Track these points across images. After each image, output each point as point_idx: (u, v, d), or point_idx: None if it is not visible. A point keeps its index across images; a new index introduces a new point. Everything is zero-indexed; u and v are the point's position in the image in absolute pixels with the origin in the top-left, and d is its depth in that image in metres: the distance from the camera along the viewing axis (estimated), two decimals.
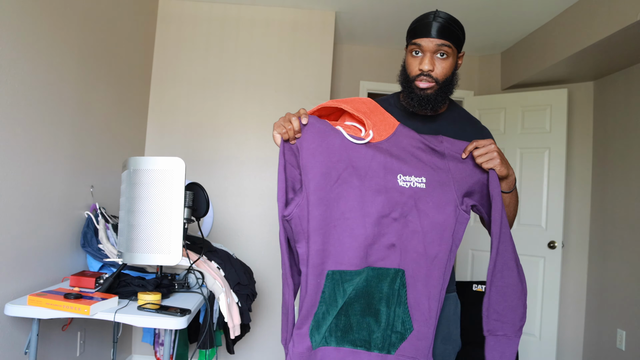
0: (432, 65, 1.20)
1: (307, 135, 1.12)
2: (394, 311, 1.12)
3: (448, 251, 1.12)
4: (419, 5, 2.93)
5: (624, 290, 2.93)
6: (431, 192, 1.13)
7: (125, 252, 1.69)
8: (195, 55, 3.08)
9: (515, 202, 1.24)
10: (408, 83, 1.25)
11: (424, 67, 1.20)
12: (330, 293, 1.11)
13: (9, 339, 1.68)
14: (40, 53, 1.81)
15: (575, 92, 3.45)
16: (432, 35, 1.19)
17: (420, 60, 1.21)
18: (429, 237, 1.12)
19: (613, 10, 2.40)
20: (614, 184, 3.12)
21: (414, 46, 1.22)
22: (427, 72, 1.20)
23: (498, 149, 1.14)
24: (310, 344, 1.12)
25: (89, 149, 2.24)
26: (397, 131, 1.17)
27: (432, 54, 1.21)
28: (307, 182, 1.11)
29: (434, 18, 1.20)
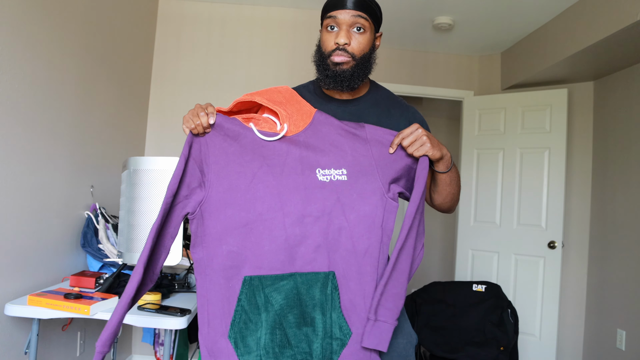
0: (347, 39, 1.16)
1: (217, 133, 1.07)
2: (330, 317, 1.04)
3: (379, 243, 1.06)
4: (418, 4, 2.93)
5: (624, 290, 2.93)
6: (354, 184, 1.06)
7: (125, 252, 1.69)
8: (195, 55, 3.08)
9: (456, 180, 1.19)
10: (323, 60, 1.19)
11: (340, 41, 1.15)
12: (250, 300, 1.03)
13: (9, 339, 1.68)
14: (40, 53, 1.81)
15: (575, 92, 3.45)
16: (348, 6, 1.15)
17: (335, 35, 1.17)
18: (357, 232, 1.05)
19: (613, 10, 2.40)
20: (614, 184, 3.12)
21: (329, 20, 1.18)
22: (342, 45, 1.15)
23: (426, 132, 1.08)
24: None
25: (89, 149, 2.24)
26: (314, 120, 1.10)
27: (348, 28, 1.16)
28: (217, 181, 1.04)
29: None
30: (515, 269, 3.40)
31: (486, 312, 2.88)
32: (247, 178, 1.05)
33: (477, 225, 3.60)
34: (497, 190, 3.53)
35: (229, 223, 1.03)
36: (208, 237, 1.04)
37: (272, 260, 1.03)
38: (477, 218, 3.59)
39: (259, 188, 1.04)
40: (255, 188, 1.04)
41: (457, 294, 3.03)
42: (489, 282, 3.02)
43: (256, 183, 1.05)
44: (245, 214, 1.03)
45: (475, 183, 3.62)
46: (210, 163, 1.06)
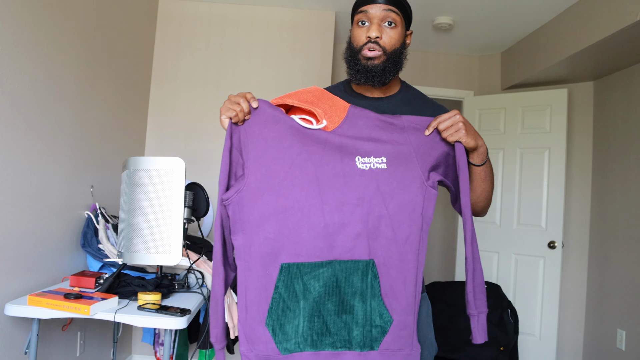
0: (379, 32, 1.15)
1: (256, 119, 1.07)
2: (370, 305, 1.04)
3: (419, 231, 1.06)
4: (418, 4, 2.93)
5: (624, 290, 2.93)
6: (393, 172, 1.05)
7: (125, 252, 1.69)
8: (195, 55, 3.08)
9: (490, 177, 1.17)
10: (354, 55, 1.19)
11: (372, 34, 1.15)
12: (288, 288, 1.03)
13: (9, 339, 1.68)
14: (40, 53, 1.81)
15: (575, 92, 3.45)
16: (379, 1, 1.15)
17: (367, 29, 1.17)
18: (397, 220, 1.04)
19: (613, 10, 2.40)
20: (614, 184, 3.12)
21: (360, 15, 1.18)
22: (374, 39, 1.15)
23: (464, 119, 1.07)
24: (276, 347, 1.03)
25: (89, 149, 2.24)
26: (349, 114, 1.10)
27: (380, 22, 1.16)
28: (255, 167, 1.04)
29: None
30: (515, 269, 3.40)
31: None
32: (285, 164, 1.04)
33: (477, 225, 3.60)
34: (497, 190, 3.53)
35: (266, 209, 1.03)
36: (247, 224, 1.04)
37: (310, 248, 1.02)
38: (477, 218, 3.59)
39: (297, 174, 1.03)
40: (294, 174, 1.03)
41: (457, 294, 3.03)
42: (489, 282, 3.02)
43: (294, 169, 1.04)
44: (282, 200, 1.03)
45: None
46: (249, 150, 1.05)
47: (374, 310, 1.05)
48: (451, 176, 1.12)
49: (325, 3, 3.02)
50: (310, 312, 1.03)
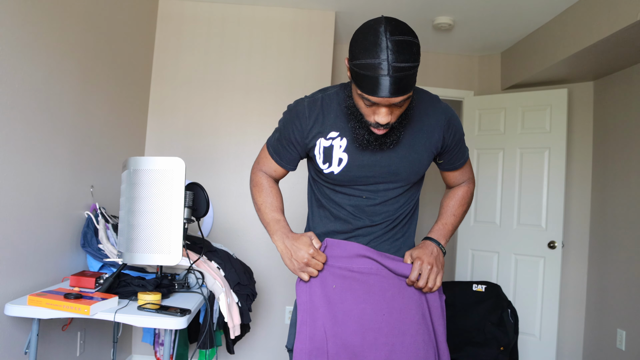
0: (389, 117, 1.05)
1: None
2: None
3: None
4: (418, 4, 2.93)
5: (624, 290, 2.93)
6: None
7: (125, 252, 1.69)
8: (195, 55, 3.08)
9: (460, 218, 1.40)
10: (361, 119, 1.10)
11: (381, 120, 1.05)
12: None
13: (9, 339, 1.68)
14: (40, 53, 1.81)
15: (575, 92, 3.45)
16: (392, 93, 0.98)
17: (377, 112, 1.05)
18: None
19: (613, 10, 2.40)
20: (614, 184, 3.12)
21: (367, 99, 1.03)
22: (384, 124, 1.06)
23: (431, 265, 1.23)
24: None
25: (89, 149, 2.24)
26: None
27: (389, 107, 1.04)
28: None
29: (388, 70, 0.95)
30: (515, 269, 3.40)
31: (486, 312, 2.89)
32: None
33: (477, 225, 3.60)
34: (497, 190, 3.53)
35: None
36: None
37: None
38: (477, 218, 3.59)
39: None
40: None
41: (457, 294, 3.03)
42: (489, 282, 3.02)
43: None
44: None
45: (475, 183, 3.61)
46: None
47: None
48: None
49: (325, 3, 3.02)
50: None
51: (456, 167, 1.36)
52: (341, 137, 1.20)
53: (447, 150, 1.28)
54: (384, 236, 1.29)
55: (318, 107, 1.22)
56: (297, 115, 1.23)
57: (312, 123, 1.22)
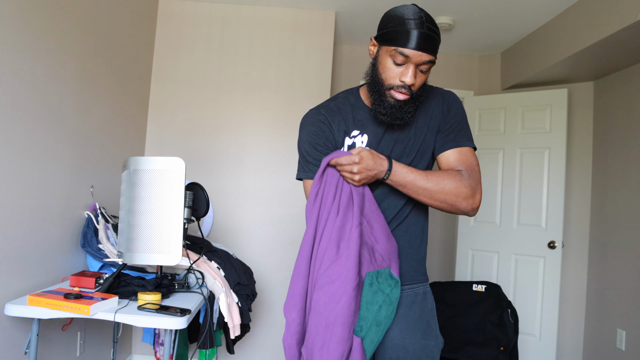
0: (414, 80, 1.13)
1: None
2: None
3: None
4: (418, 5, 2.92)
5: (624, 290, 2.93)
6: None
7: (125, 252, 1.69)
8: (195, 55, 3.08)
9: (411, 186, 1.17)
10: (380, 88, 1.17)
11: (407, 80, 1.13)
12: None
13: (9, 339, 1.68)
14: (40, 53, 1.81)
15: (575, 92, 3.45)
16: (423, 48, 1.10)
17: (403, 72, 1.13)
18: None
19: (613, 10, 2.40)
20: (614, 184, 3.12)
21: (397, 54, 1.12)
22: (408, 85, 1.13)
23: (359, 164, 1.11)
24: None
25: (89, 149, 2.24)
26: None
27: (416, 67, 1.13)
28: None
29: (422, 25, 1.09)
30: (515, 269, 3.40)
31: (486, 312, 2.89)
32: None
33: (477, 225, 3.60)
34: (497, 190, 3.53)
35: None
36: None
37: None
38: (477, 218, 3.59)
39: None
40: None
41: (457, 294, 3.03)
42: (489, 282, 3.02)
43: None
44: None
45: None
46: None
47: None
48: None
49: (325, 3, 3.02)
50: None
51: (447, 147, 1.25)
52: (362, 134, 1.26)
53: (442, 129, 1.26)
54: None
55: (335, 111, 1.29)
56: (320, 122, 1.27)
57: (337, 125, 1.27)
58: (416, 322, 1.24)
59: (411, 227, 1.29)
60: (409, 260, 1.27)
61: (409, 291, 1.26)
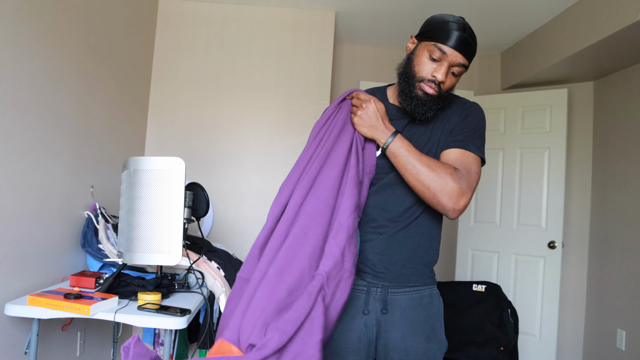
0: (445, 78, 1.17)
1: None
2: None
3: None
4: (419, 5, 2.92)
5: (624, 290, 2.93)
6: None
7: (125, 252, 1.69)
8: (195, 55, 3.08)
9: (408, 168, 1.15)
10: (411, 80, 1.21)
11: (439, 76, 1.16)
12: None
13: (9, 339, 1.68)
14: (40, 53, 1.81)
15: (575, 92, 3.45)
16: (460, 50, 1.15)
17: (436, 68, 1.17)
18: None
19: (613, 10, 2.40)
20: (614, 184, 3.12)
21: (437, 50, 1.16)
22: (439, 81, 1.17)
23: (368, 110, 1.19)
24: None
25: (89, 149, 2.24)
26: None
27: (449, 67, 1.17)
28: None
29: (464, 30, 1.16)
30: (515, 269, 3.40)
31: (486, 312, 2.89)
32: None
33: (477, 225, 3.60)
34: (497, 190, 3.53)
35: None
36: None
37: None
38: (477, 218, 3.59)
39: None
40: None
41: (457, 294, 3.03)
42: (489, 282, 3.02)
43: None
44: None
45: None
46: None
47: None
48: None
49: (325, 3, 3.02)
50: None
51: (451, 146, 1.23)
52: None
53: (454, 132, 1.25)
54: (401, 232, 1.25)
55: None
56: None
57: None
58: (420, 325, 1.22)
59: (422, 229, 1.26)
60: (415, 263, 1.25)
61: (414, 293, 1.24)
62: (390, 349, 1.21)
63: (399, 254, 1.24)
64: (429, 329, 1.23)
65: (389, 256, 1.23)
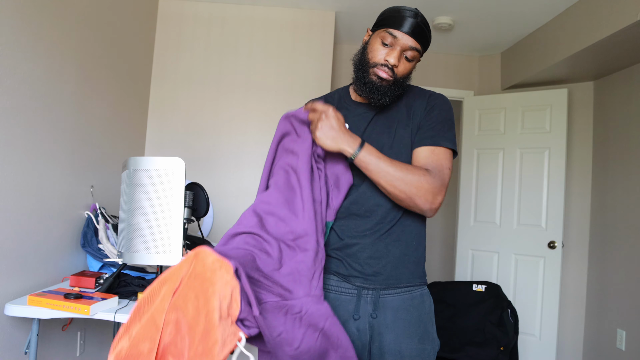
0: (398, 62, 1.19)
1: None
2: None
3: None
4: (419, 5, 2.92)
5: (624, 290, 2.93)
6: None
7: (125, 252, 1.69)
8: (195, 55, 3.08)
9: (376, 173, 1.13)
10: (365, 66, 1.23)
11: (391, 60, 1.18)
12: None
13: (9, 339, 1.68)
14: (40, 53, 1.81)
15: (575, 92, 3.45)
16: (410, 33, 1.17)
17: (388, 52, 1.19)
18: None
19: (613, 10, 2.40)
20: (614, 184, 3.12)
21: (387, 35, 1.19)
22: (391, 65, 1.19)
23: (327, 119, 1.14)
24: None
25: (89, 149, 2.24)
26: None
27: (402, 51, 1.19)
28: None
29: (415, 16, 1.18)
30: (515, 269, 3.40)
31: (486, 312, 2.89)
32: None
33: (477, 225, 3.60)
34: (497, 190, 3.53)
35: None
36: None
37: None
38: (477, 218, 3.59)
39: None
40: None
41: (457, 294, 3.03)
42: (489, 282, 3.03)
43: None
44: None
45: (475, 183, 3.62)
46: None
47: None
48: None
49: (325, 3, 3.02)
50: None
51: (422, 144, 1.22)
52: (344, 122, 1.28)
53: (422, 126, 1.25)
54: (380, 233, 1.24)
55: (326, 100, 1.36)
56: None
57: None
58: (413, 326, 1.21)
59: (407, 228, 1.25)
60: (405, 262, 1.24)
61: (406, 294, 1.23)
62: (385, 352, 1.20)
63: (388, 255, 1.22)
64: (422, 329, 1.22)
65: (378, 259, 1.22)
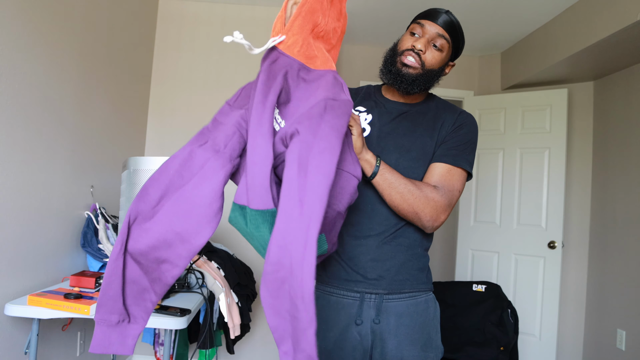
0: (425, 48, 1.19)
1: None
2: None
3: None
4: (419, 5, 2.92)
5: (624, 290, 2.93)
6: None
7: None
8: (195, 55, 3.08)
9: (391, 192, 1.14)
10: (393, 56, 1.24)
11: (417, 45, 1.19)
12: None
13: (9, 339, 1.68)
14: (40, 53, 1.81)
15: (575, 92, 3.45)
16: (438, 22, 1.20)
17: (417, 39, 1.21)
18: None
19: (613, 10, 2.40)
20: (614, 184, 3.12)
21: (415, 25, 1.22)
22: (417, 50, 1.19)
23: (355, 133, 1.07)
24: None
25: (89, 149, 2.24)
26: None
27: (429, 40, 1.20)
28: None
29: (446, 12, 1.21)
30: (515, 269, 3.40)
31: (486, 312, 2.89)
32: None
33: (477, 225, 3.60)
34: (497, 190, 3.53)
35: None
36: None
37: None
38: (477, 218, 3.60)
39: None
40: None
41: (457, 294, 3.03)
42: (489, 282, 3.03)
43: None
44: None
45: (475, 183, 3.62)
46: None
47: None
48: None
49: None
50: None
51: (443, 160, 1.22)
52: (368, 112, 1.30)
53: (447, 141, 1.24)
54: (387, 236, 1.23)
55: (353, 92, 1.34)
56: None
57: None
58: (416, 333, 1.20)
59: (412, 235, 1.23)
60: (409, 268, 1.23)
61: (410, 300, 1.21)
62: (387, 358, 1.18)
63: (392, 259, 1.21)
64: (425, 337, 1.21)
65: (382, 262, 1.20)
